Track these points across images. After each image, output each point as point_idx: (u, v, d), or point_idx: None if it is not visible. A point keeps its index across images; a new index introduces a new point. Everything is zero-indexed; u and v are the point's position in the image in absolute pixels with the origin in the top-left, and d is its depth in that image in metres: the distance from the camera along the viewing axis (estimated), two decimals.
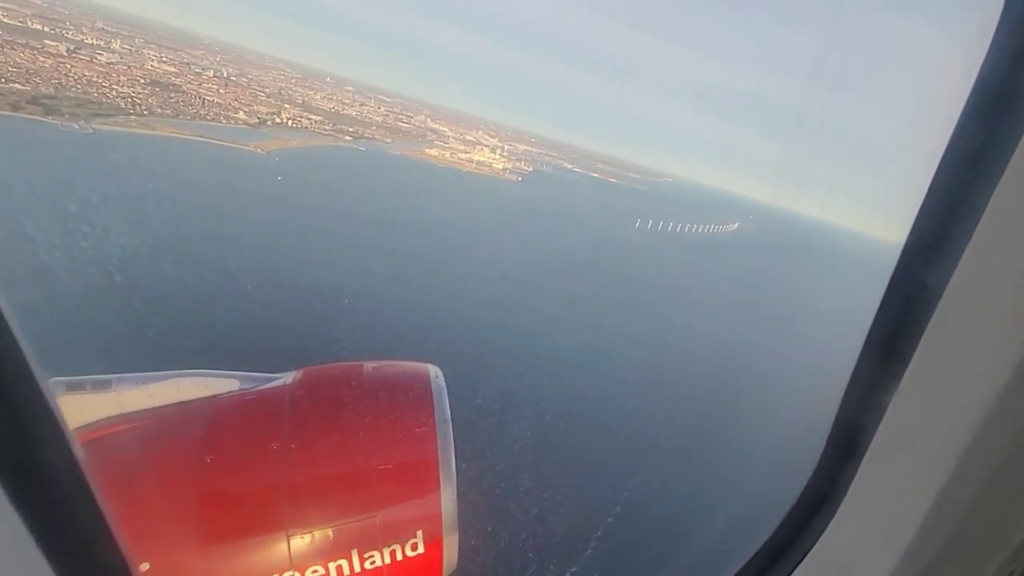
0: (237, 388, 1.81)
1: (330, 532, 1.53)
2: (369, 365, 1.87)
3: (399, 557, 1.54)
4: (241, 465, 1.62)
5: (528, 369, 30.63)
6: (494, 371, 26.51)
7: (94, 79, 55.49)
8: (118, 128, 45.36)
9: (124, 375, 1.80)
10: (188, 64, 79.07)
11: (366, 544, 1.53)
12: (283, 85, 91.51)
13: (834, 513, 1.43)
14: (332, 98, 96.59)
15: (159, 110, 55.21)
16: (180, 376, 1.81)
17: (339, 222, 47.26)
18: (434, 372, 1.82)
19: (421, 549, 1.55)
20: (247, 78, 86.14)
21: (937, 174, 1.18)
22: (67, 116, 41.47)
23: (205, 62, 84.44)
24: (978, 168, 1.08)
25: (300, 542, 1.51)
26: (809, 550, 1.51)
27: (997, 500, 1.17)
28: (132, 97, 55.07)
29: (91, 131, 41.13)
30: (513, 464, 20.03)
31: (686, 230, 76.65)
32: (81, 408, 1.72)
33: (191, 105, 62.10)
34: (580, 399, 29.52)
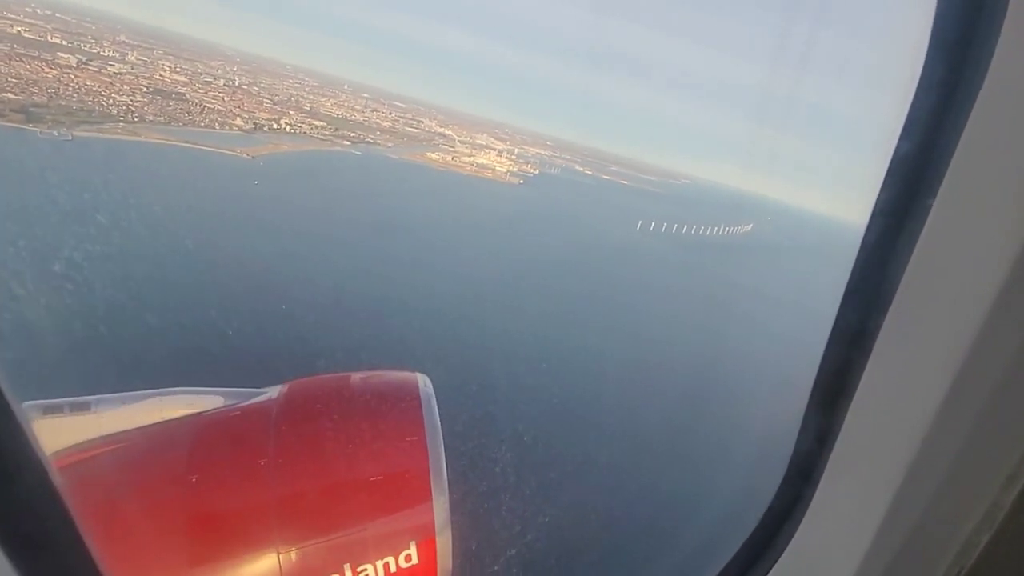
0: (222, 405, 1.74)
1: (321, 547, 1.51)
2: (356, 376, 1.82)
3: (393, 569, 1.51)
4: (228, 483, 1.58)
5: (507, 370, 30.22)
6: (472, 375, 25.89)
7: (95, 89, 57.81)
8: (101, 135, 46.81)
9: (104, 396, 1.74)
10: (200, 74, 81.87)
11: (359, 558, 1.50)
12: (295, 93, 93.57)
13: (803, 517, 1.47)
14: (343, 105, 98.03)
15: (151, 117, 56.85)
16: (162, 395, 1.75)
17: (318, 224, 47.27)
18: (423, 381, 1.77)
19: (415, 560, 1.53)
20: (259, 86, 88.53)
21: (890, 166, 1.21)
22: (49, 123, 43.05)
23: (219, 71, 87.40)
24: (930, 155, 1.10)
25: (291, 559, 1.47)
26: (781, 554, 1.53)
27: (951, 498, 1.21)
28: (128, 105, 57.03)
29: (70, 138, 42.47)
30: (498, 467, 19.68)
31: (690, 231, 74.45)
32: (60, 432, 1.66)
33: (189, 112, 63.94)
34: (562, 402, 29.10)
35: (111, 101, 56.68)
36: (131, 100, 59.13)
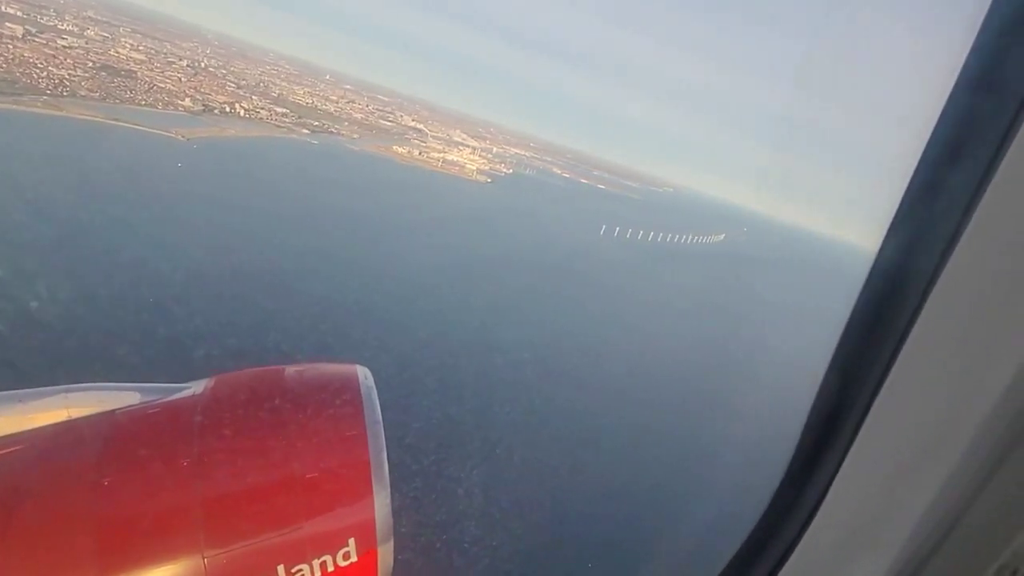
0: (138, 401, 1.63)
1: (252, 549, 1.43)
2: (291, 369, 1.75)
3: (330, 568, 1.46)
4: (145, 485, 1.47)
5: (450, 374, 28.51)
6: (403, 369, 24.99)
7: (32, 60, 55.60)
8: (15, 107, 44.55)
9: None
10: (164, 54, 79.92)
11: (293, 558, 1.44)
12: (267, 79, 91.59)
13: (810, 521, 1.45)
14: (316, 94, 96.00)
15: (84, 93, 54.50)
16: (67, 391, 1.61)
17: (237, 210, 44.96)
18: (363, 373, 1.71)
19: (354, 558, 1.47)
20: (227, 70, 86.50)
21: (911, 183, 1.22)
22: None
23: (187, 53, 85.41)
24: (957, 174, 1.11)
25: (218, 563, 1.41)
26: (789, 555, 1.51)
27: (984, 509, 1.19)
28: (62, 79, 54.74)
29: None
30: (483, 466, 19.86)
31: (655, 238, 73.48)
32: None
33: (132, 91, 61.63)
34: (538, 404, 28.65)
35: (45, 74, 54.35)
36: (69, 74, 56.79)
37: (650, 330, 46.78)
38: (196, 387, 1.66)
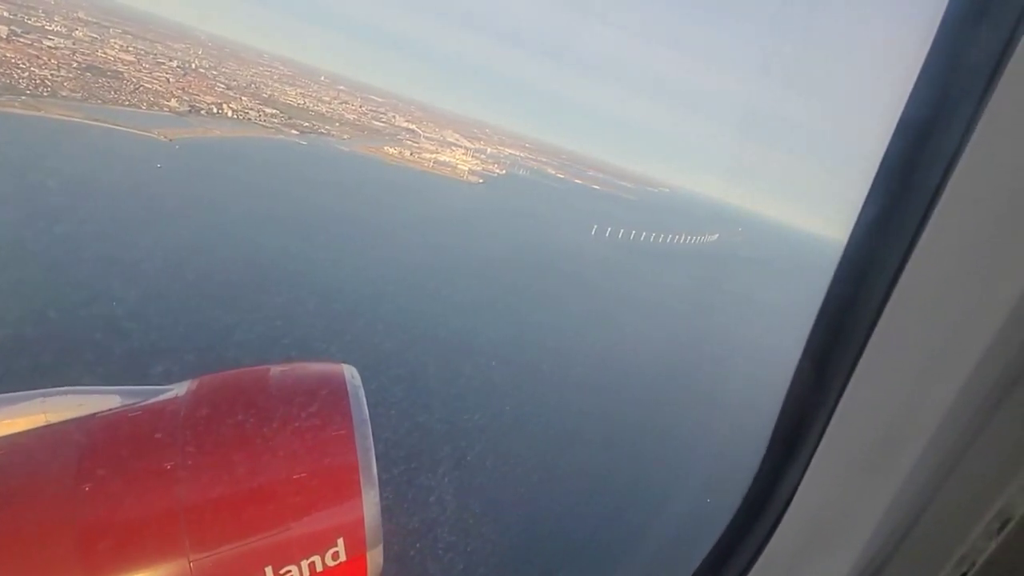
0: (119, 404, 1.58)
1: (239, 551, 1.42)
2: (275, 369, 1.72)
3: (319, 568, 1.45)
4: (128, 490, 1.45)
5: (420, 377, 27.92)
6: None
7: (13, 61, 55.16)
8: None
9: None
10: (153, 55, 79.48)
11: (281, 559, 1.43)
12: (259, 80, 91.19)
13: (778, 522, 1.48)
14: (309, 95, 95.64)
15: (66, 93, 53.99)
16: (45, 396, 1.56)
17: (217, 209, 44.49)
18: (349, 372, 1.69)
19: (343, 558, 1.46)
20: (218, 71, 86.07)
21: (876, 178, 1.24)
22: None
23: (179, 54, 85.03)
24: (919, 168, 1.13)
25: (204, 566, 1.40)
26: (757, 557, 1.54)
27: (955, 499, 1.21)
28: (43, 79, 54.27)
29: None
30: (452, 465, 19.65)
31: (646, 238, 72.78)
32: None
33: (117, 91, 61.13)
34: (528, 406, 28.69)
35: (27, 75, 53.90)
36: (51, 75, 56.33)
37: (641, 331, 46.29)
38: (179, 389, 1.63)
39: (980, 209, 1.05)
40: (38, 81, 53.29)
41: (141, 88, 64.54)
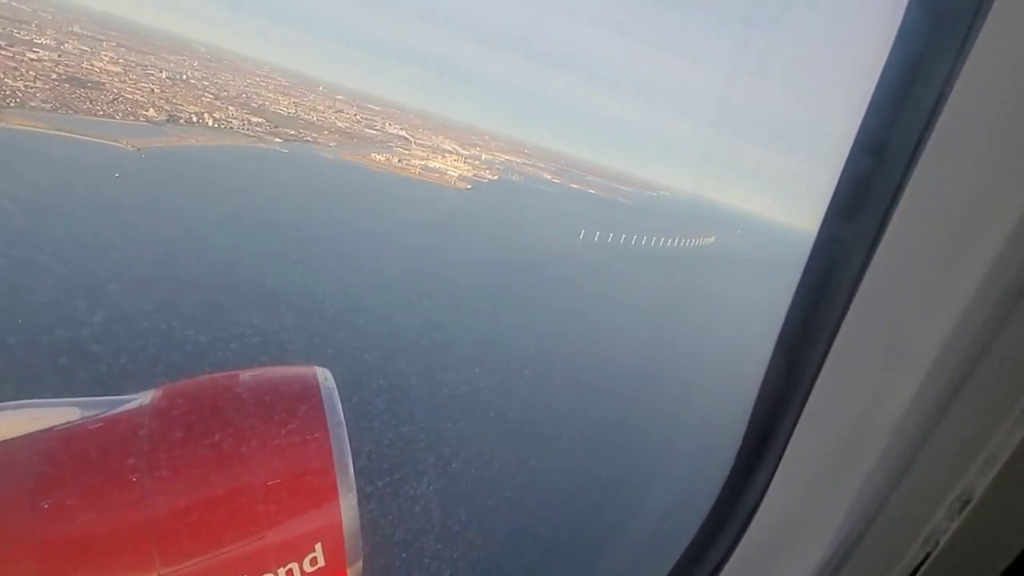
0: (78, 417, 1.46)
1: (213, 562, 1.35)
2: (245, 374, 1.61)
3: (297, 574, 1.39)
4: (90, 506, 1.34)
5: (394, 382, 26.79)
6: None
7: None
8: None
9: None
10: (143, 66, 79.65)
11: (257, 568, 1.37)
12: (253, 91, 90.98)
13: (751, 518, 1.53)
14: (301, 104, 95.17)
15: (34, 104, 53.60)
16: None
17: (185, 220, 43.30)
18: (322, 375, 1.59)
19: (322, 563, 1.39)
20: (210, 81, 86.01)
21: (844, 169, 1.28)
22: None
23: (171, 65, 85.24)
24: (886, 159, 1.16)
25: None
26: (737, 543, 1.57)
27: (912, 488, 1.28)
28: (15, 91, 54.03)
29: None
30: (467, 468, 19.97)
31: (639, 242, 71.12)
32: None
33: (93, 102, 60.76)
34: (518, 410, 28.46)
35: None
36: (26, 86, 56.15)
37: (629, 335, 44.81)
38: (143, 398, 1.52)
39: (944, 204, 1.07)
40: (8, 92, 53.10)
41: (120, 98, 64.20)
